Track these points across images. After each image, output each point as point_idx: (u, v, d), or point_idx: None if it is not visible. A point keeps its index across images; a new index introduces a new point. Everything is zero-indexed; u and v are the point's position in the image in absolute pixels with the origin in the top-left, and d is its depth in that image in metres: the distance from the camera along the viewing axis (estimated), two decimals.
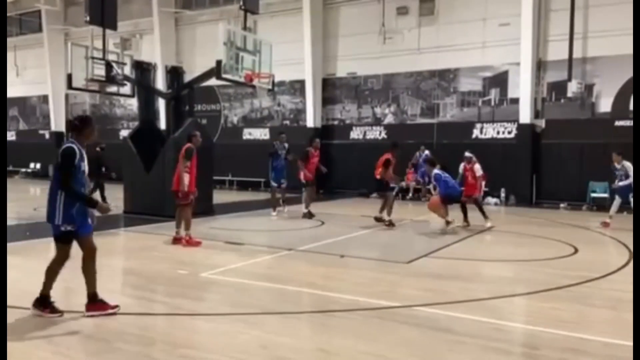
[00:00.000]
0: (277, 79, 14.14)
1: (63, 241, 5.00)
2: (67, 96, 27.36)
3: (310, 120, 20.52)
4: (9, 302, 5.09)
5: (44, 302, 4.98)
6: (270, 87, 13.19)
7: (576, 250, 8.90)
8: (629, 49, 15.43)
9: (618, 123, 15.99)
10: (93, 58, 12.48)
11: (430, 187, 14.33)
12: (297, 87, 21.15)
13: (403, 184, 18.69)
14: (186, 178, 8.83)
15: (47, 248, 9.02)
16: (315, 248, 8.75)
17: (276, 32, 18.72)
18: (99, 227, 9.97)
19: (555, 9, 16.78)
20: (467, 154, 12.32)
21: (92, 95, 24.45)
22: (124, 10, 20.46)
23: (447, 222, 10.71)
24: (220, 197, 15.66)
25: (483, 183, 12.38)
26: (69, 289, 6.01)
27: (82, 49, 12.86)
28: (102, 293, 5.84)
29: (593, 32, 16.19)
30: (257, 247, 8.81)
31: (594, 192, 16.00)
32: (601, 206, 15.63)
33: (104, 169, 14.87)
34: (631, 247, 9.09)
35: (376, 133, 19.85)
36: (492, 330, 4.73)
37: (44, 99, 28.15)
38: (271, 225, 11.91)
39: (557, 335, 4.63)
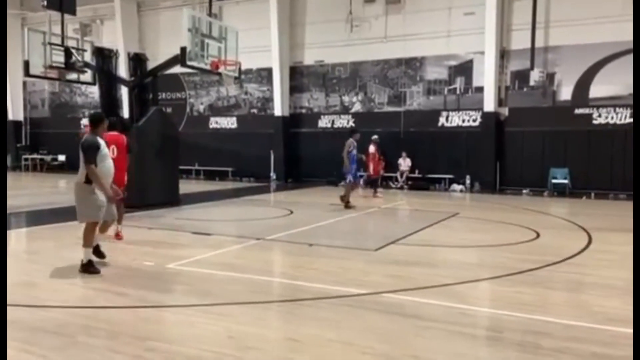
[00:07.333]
0: (243, 67, 13.98)
1: None
2: (24, 84, 26.40)
3: (278, 108, 20.39)
4: None
5: None
6: (236, 74, 13.04)
7: (538, 235, 9.16)
8: (589, 39, 15.92)
9: (577, 111, 16.46)
10: (51, 44, 12.11)
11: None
12: (264, 75, 20.96)
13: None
14: None
15: None
16: (284, 237, 8.74)
17: (242, 19, 18.49)
18: (61, 218, 9.76)
19: None
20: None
21: (52, 82, 23.73)
22: None
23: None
24: (186, 187, 15.45)
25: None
26: (30, 283, 5.85)
27: (40, 35, 12.45)
28: (65, 286, 5.71)
29: (555, 22, 16.56)
30: (224, 237, 8.73)
31: (555, 178, 16.46)
32: (561, 192, 16.13)
33: None
34: (590, 232, 9.42)
35: (344, 121, 19.89)
36: (458, 315, 4.83)
37: None
38: (239, 214, 11.83)
39: (520, 318, 4.76)
